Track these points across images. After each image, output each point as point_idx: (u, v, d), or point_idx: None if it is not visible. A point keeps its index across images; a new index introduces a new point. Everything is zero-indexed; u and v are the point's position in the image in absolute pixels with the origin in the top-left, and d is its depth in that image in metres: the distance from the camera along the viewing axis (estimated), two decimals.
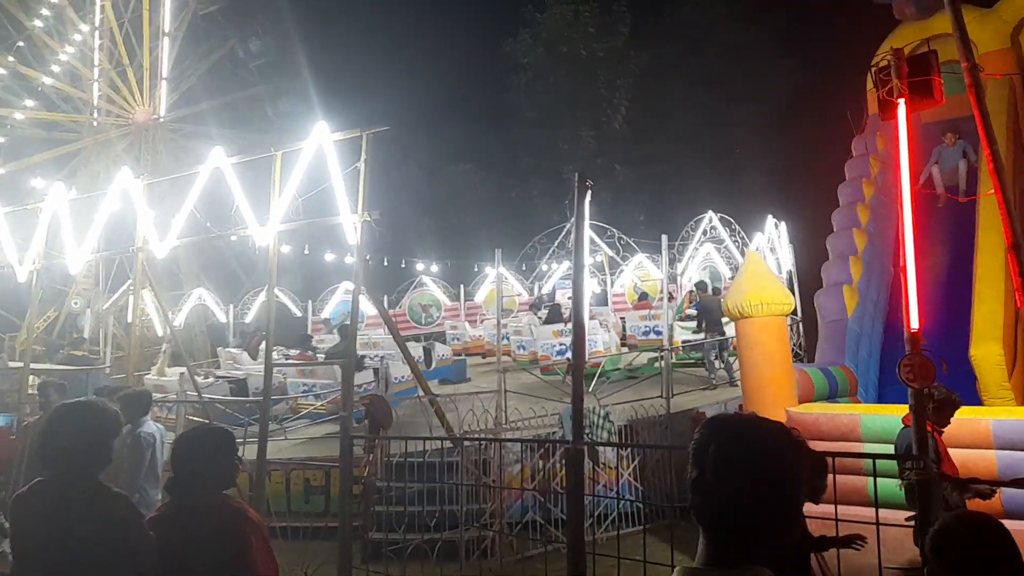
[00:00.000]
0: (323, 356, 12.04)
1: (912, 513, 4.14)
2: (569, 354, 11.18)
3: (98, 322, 17.25)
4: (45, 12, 21.38)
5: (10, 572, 2.73)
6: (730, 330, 11.70)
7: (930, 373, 3.87)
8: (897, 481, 4.27)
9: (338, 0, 29.12)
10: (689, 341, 12.35)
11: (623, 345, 14.05)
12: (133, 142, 22.22)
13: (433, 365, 13.67)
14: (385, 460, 7.59)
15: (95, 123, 22.23)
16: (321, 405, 10.41)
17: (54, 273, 11.35)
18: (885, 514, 3.88)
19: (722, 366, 11.28)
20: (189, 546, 2.69)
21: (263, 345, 14.32)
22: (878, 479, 4.09)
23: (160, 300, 10.74)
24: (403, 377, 11.57)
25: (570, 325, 11.72)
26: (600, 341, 12.17)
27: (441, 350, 14.48)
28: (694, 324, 12.58)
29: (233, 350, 14.62)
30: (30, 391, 8.51)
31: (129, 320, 9.45)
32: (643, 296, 16.37)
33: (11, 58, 20.98)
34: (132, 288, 9.67)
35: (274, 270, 7.71)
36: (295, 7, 25.80)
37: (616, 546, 5.11)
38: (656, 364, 11.72)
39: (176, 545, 2.70)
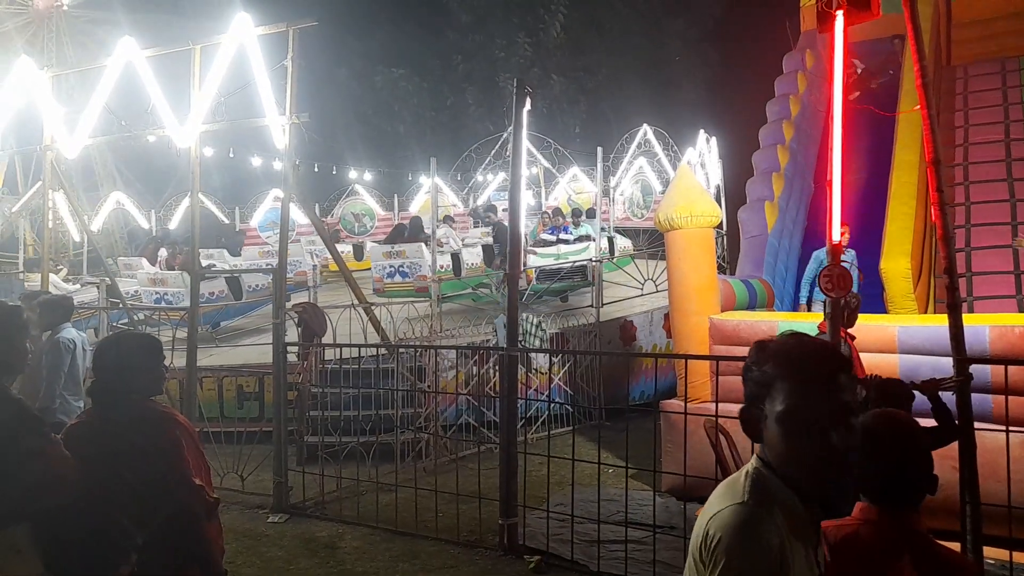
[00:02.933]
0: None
1: None
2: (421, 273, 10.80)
3: (8, 226, 16.25)
4: None
5: None
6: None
7: (848, 283, 4.07)
8: None
9: None
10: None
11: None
12: (35, 32, 20.34)
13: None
14: (320, 367, 7.61)
15: None
16: (173, 314, 10.10)
17: None
18: None
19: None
20: (118, 452, 2.66)
21: (161, 251, 14.07)
22: None
23: (74, 203, 10.17)
24: (257, 286, 11.52)
25: (398, 247, 11.28)
26: (424, 265, 10.69)
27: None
28: (551, 249, 12.23)
29: (129, 259, 14.13)
30: None
31: (46, 223, 8.91)
32: (557, 212, 16.17)
33: None
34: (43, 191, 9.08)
35: (196, 174, 7.37)
36: None
37: (547, 445, 5.36)
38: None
39: (104, 453, 2.65)
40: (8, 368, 2.67)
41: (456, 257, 11.57)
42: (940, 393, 3.63)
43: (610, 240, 13.39)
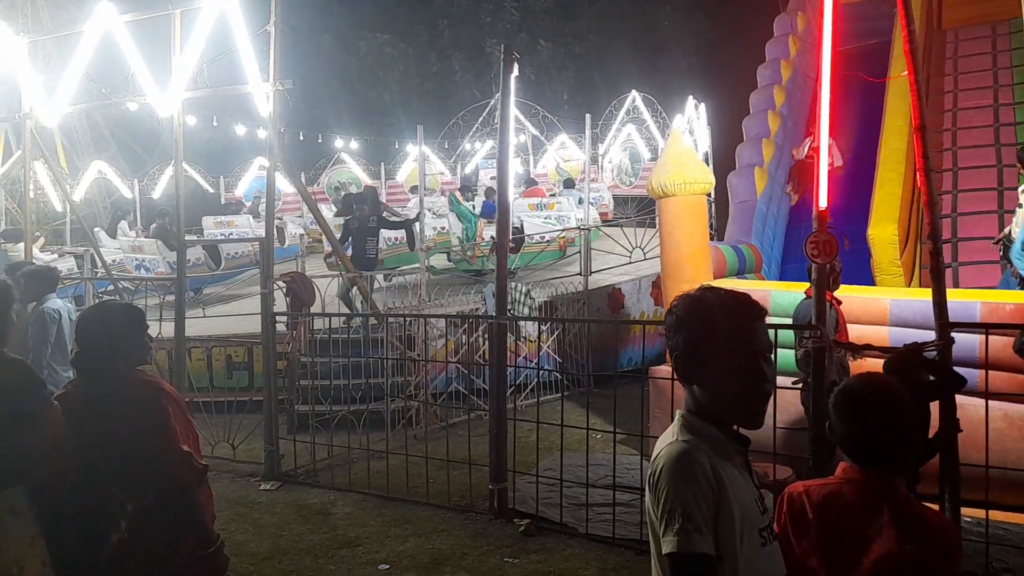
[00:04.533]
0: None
1: (798, 377, 4.53)
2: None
3: None
4: None
5: None
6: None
7: (834, 249, 4.07)
8: (792, 350, 4.61)
9: None
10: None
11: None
12: None
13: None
14: (309, 336, 7.60)
15: None
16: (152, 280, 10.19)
17: None
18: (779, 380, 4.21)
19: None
20: (105, 423, 2.66)
21: (121, 223, 14.03)
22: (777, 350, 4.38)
23: (55, 173, 10.02)
24: (235, 254, 11.82)
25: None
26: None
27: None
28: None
29: (98, 229, 14.05)
30: None
31: (27, 193, 8.77)
32: (531, 182, 15.89)
33: None
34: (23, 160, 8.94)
35: (180, 142, 7.26)
36: None
37: (536, 412, 5.41)
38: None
39: (91, 423, 2.66)
40: None
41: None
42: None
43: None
